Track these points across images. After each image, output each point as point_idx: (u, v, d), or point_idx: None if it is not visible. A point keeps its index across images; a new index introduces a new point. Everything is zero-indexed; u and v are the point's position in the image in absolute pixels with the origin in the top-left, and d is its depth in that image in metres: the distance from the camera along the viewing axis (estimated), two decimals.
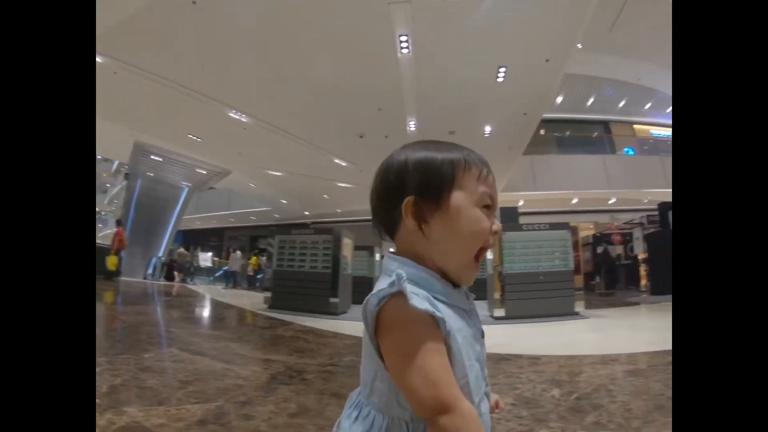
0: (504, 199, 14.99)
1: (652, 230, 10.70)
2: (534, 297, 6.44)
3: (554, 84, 10.02)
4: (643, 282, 10.62)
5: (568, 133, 18.05)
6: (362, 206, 20.03)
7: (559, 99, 16.36)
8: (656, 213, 11.25)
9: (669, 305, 6.76)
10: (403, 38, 7.46)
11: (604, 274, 11.25)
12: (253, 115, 10.51)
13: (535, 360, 3.59)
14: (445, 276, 0.55)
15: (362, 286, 9.79)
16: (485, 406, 0.55)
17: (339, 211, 20.14)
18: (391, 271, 0.51)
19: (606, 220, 17.10)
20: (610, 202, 17.41)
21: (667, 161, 15.96)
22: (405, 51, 7.83)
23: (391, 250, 0.60)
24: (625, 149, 17.76)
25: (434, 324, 0.48)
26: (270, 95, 9.53)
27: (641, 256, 11.02)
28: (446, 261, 0.55)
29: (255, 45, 7.74)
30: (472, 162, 0.57)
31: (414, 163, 0.56)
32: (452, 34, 7.47)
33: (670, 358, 2.89)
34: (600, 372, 3.04)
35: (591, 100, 17.18)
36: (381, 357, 0.50)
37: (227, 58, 8.14)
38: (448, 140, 0.62)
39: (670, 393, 2.16)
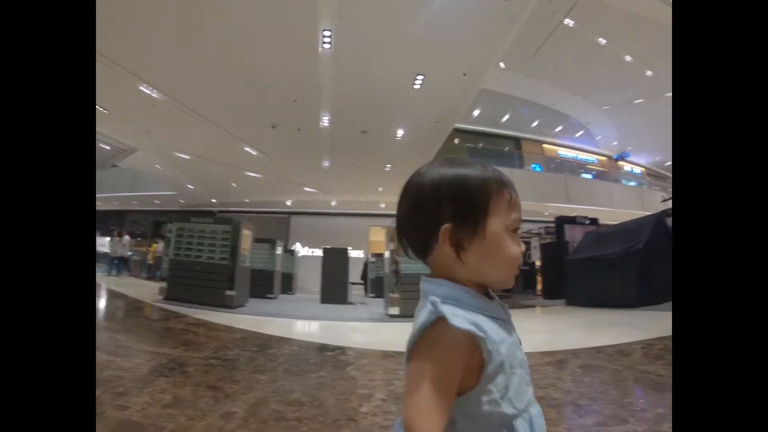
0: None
1: (548, 240, 11.58)
2: None
3: (468, 97, 10.64)
4: (539, 287, 11.49)
5: (481, 144, 18.85)
6: (269, 197, 19.72)
7: (476, 112, 17.28)
8: (553, 225, 12.24)
9: (560, 308, 7.30)
10: (327, 33, 7.47)
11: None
12: (166, 92, 9.85)
13: None
14: (480, 286, 0.57)
15: (261, 278, 9.53)
16: (536, 409, 0.55)
17: (247, 201, 19.56)
18: (428, 292, 0.54)
19: None
20: None
21: (570, 179, 17.66)
22: (327, 46, 7.85)
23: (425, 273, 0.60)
24: (533, 165, 19.19)
25: (467, 347, 0.49)
26: (185, 73, 9.03)
27: (538, 263, 11.92)
28: (482, 279, 0.56)
29: (177, 19, 7.31)
30: (503, 186, 0.57)
31: (449, 188, 0.56)
32: (376, 36, 7.65)
33: (551, 359, 3.07)
34: None
35: (506, 117, 18.30)
36: None
37: (146, 29, 7.56)
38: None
39: (543, 392, 2.28)
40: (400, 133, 11.80)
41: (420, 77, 8.97)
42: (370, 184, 17.01)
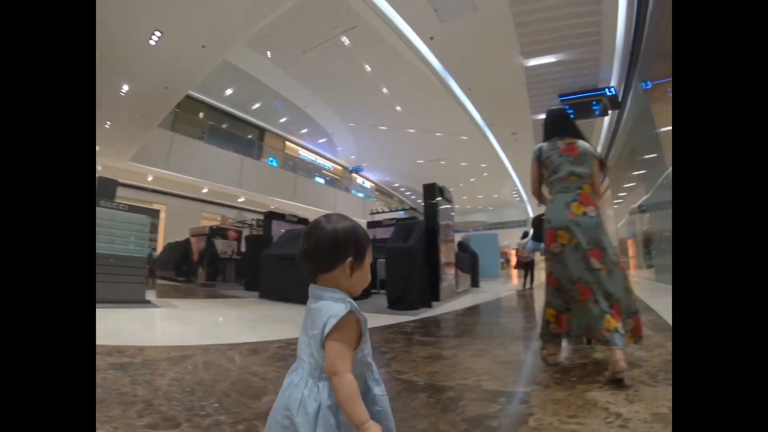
0: (132, 170, 14.71)
1: (256, 234, 11.56)
2: (101, 281, 5.40)
3: (203, 69, 9.99)
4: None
5: (225, 126, 18.44)
6: None
7: (229, 91, 16.68)
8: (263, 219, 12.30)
9: (252, 300, 6.97)
10: None
11: (206, 266, 11.49)
12: None
13: None
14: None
15: None
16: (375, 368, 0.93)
17: None
18: (325, 296, 0.87)
19: (234, 216, 18.23)
20: (239, 200, 19.34)
21: (302, 179, 19.32)
22: None
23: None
24: (270, 159, 19.50)
25: (358, 325, 0.84)
26: None
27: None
28: (351, 290, 0.90)
29: None
30: (367, 236, 0.95)
31: (351, 235, 0.90)
32: None
33: (179, 354, 2.57)
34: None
35: (257, 105, 18.04)
36: (323, 346, 0.82)
37: None
38: None
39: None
40: (125, 88, 10.16)
41: (158, 33, 8.19)
42: None
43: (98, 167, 13.90)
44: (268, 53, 13.76)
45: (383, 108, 16.55)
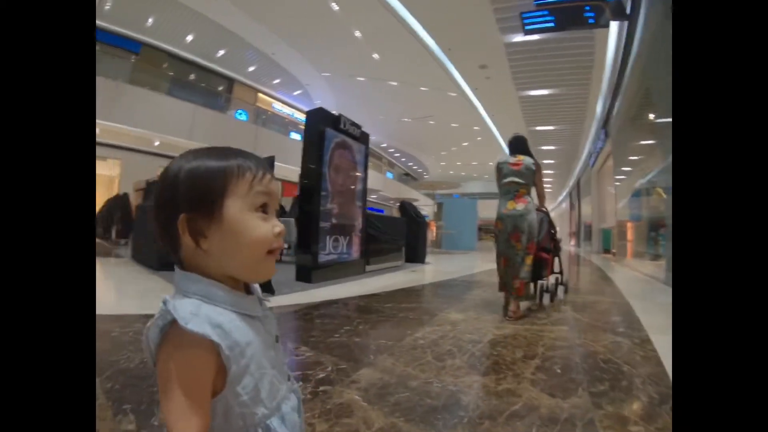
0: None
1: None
2: None
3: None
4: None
5: (192, 76, 16.57)
6: None
7: (189, 38, 14.77)
8: None
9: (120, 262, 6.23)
10: None
11: (116, 222, 10.86)
12: None
13: None
14: (236, 281, 0.56)
15: None
16: (287, 406, 0.57)
17: None
18: (178, 286, 0.54)
19: None
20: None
21: (273, 136, 16.90)
22: None
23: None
24: (238, 111, 17.62)
25: (208, 350, 0.48)
26: None
27: None
28: (232, 271, 0.54)
29: None
30: (246, 167, 0.55)
31: (184, 176, 0.54)
32: None
33: None
34: None
35: (222, 52, 16.20)
36: None
37: None
38: None
39: None
40: None
41: None
42: None
43: None
44: None
45: (359, 56, 14.57)
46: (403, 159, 32.38)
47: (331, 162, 5.35)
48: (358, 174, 6.17)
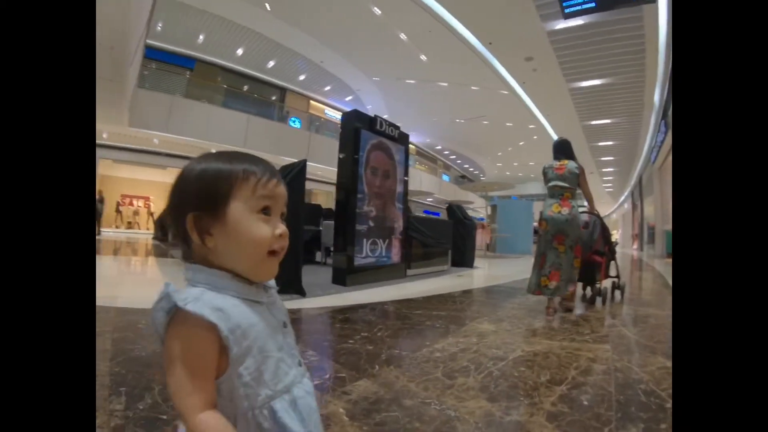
0: (136, 135, 14.27)
1: None
2: None
3: (136, 27, 8.61)
4: None
5: (246, 88, 17.70)
6: None
7: (239, 51, 15.55)
8: None
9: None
10: None
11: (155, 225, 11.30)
12: None
13: None
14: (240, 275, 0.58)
15: None
16: (301, 390, 0.58)
17: None
18: (186, 277, 0.57)
19: None
20: None
21: (326, 141, 17.24)
22: None
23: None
24: (291, 119, 18.25)
25: (210, 331, 0.50)
26: None
27: None
28: (235, 268, 0.57)
29: None
30: (251, 172, 0.58)
31: (194, 178, 0.58)
32: None
33: None
34: None
35: (272, 63, 16.89)
36: None
37: None
38: None
39: None
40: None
41: None
42: None
43: (104, 135, 13.90)
44: (267, 5, 12.47)
45: (406, 58, 14.59)
46: (459, 161, 31.87)
47: (367, 164, 5.24)
48: (397, 176, 6.01)
